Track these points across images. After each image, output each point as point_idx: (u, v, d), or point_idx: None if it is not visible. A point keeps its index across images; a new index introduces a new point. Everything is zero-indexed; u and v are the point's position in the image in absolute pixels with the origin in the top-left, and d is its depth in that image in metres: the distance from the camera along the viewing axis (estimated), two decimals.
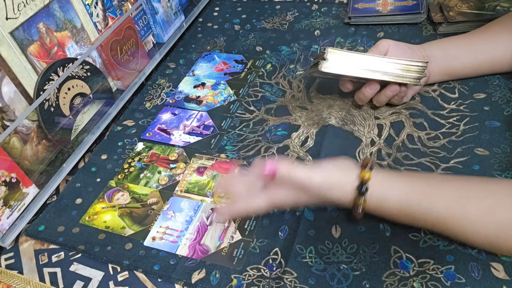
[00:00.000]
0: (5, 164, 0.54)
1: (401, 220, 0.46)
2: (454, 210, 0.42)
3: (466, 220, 0.42)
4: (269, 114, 0.68)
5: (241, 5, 0.95)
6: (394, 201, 0.45)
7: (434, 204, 0.43)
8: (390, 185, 0.45)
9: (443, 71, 0.62)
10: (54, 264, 0.54)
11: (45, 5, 0.59)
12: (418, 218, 0.45)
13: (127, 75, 0.75)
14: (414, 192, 0.44)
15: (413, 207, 0.44)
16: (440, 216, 0.43)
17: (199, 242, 0.53)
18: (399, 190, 0.45)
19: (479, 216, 0.42)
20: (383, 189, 0.45)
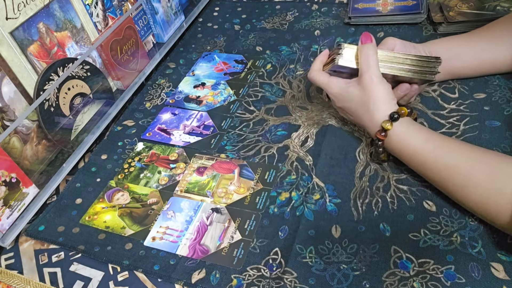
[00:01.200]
0: (5, 164, 0.54)
1: (414, 162, 0.51)
2: (462, 165, 0.47)
3: (471, 176, 0.46)
4: (269, 114, 0.68)
5: (241, 5, 0.95)
6: (415, 140, 0.50)
7: (448, 154, 0.48)
8: (415, 127, 0.51)
9: (444, 70, 0.62)
10: (54, 264, 0.54)
11: (45, 5, 0.59)
12: (429, 163, 0.49)
13: (127, 75, 0.75)
14: (433, 139, 0.50)
15: (429, 150, 0.49)
16: (449, 165, 0.47)
17: (199, 242, 0.53)
18: (422, 133, 0.51)
19: (484, 175, 0.45)
20: (409, 127, 0.51)
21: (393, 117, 0.51)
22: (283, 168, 0.59)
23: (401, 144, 0.51)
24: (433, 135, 0.51)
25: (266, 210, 0.55)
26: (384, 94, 0.53)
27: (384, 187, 0.54)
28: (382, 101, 0.52)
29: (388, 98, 0.53)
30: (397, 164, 0.56)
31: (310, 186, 0.56)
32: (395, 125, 0.51)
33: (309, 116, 0.66)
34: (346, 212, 0.52)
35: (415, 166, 0.51)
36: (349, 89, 0.55)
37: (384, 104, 0.52)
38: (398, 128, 0.51)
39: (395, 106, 0.52)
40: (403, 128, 0.51)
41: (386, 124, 0.51)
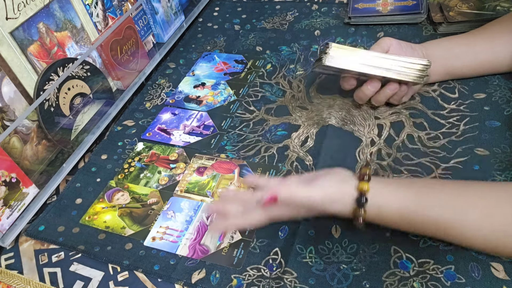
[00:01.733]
0: (5, 164, 0.54)
1: (402, 228, 0.46)
2: (453, 215, 0.43)
3: (466, 225, 0.42)
4: (269, 114, 0.68)
5: (241, 5, 0.95)
6: (393, 210, 0.44)
7: (434, 210, 0.43)
8: (388, 194, 0.45)
9: (443, 70, 0.62)
10: (54, 264, 0.54)
11: (45, 5, 0.59)
12: (418, 225, 0.45)
13: (127, 75, 0.75)
14: (413, 200, 0.44)
15: (412, 214, 0.44)
16: (439, 222, 0.43)
17: (199, 242, 0.53)
18: (398, 199, 0.44)
19: (478, 221, 0.42)
20: (382, 199, 0.45)
21: (361, 203, 0.44)
22: (283, 168, 0.59)
23: (381, 217, 0.45)
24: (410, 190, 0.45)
25: None
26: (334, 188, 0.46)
27: None
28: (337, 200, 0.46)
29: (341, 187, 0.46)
30: (397, 165, 0.56)
31: None
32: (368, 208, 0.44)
33: (309, 116, 0.66)
34: None
35: (405, 229, 0.46)
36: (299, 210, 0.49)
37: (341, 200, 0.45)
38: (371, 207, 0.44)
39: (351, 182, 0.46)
40: (376, 203, 0.44)
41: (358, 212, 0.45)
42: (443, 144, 0.57)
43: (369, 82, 0.59)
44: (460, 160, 0.55)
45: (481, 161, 0.54)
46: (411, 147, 0.58)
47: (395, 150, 0.58)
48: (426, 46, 0.62)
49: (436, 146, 0.57)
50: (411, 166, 0.56)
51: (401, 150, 0.58)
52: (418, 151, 0.57)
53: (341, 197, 0.45)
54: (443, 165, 0.55)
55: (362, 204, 0.44)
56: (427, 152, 0.57)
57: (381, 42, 0.59)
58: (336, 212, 0.46)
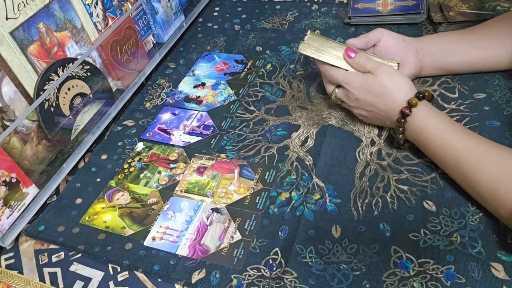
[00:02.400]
0: (5, 164, 0.54)
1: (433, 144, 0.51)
2: (478, 149, 0.48)
3: (485, 161, 0.47)
4: (269, 114, 0.68)
5: (241, 5, 0.95)
6: (437, 122, 0.51)
7: (465, 139, 0.49)
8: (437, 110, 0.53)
9: (436, 65, 0.63)
10: (54, 264, 0.54)
11: (45, 5, 0.59)
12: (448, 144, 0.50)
13: (127, 75, 0.75)
14: (454, 123, 0.51)
15: (449, 132, 0.50)
16: (465, 151, 0.48)
17: (199, 242, 0.53)
18: (443, 116, 0.52)
19: (497, 162, 0.46)
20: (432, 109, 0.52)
21: (419, 96, 0.52)
22: (283, 168, 0.59)
23: (423, 123, 0.52)
24: (453, 121, 0.52)
25: (266, 210, 0.55)
26: (406, 79, 0.54)
27: (384, 187, 0.54)
28: (405, 85, 0.54)
29: (410, 83, 0.54)
30: (397, 164, 0.56)
31: (310, 186, 0.56)
32: (420, 104, 0.52)
33: (309, 116, 0.66)
34: (346, 212, 0.52)
35: (433, 148, 0.52)
36: (368, 80, 0.55)
37: (408, 87, 0.53)
38: (423, 107, 0.52)
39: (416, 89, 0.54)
40: (427, 108, 0.52)
41: (413, 100, 0.52)
42: None
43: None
44: None
45: None
46: (411, 147, 0.58)
47: (395, 150, 0.58)
48: (421, 40, 0.62)
49: None
50: (411, 166, 0.56)
51: (401, 150, 0.58)
52: (418, 151, 0.57)
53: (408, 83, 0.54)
54: None
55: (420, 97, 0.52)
56: None
57: (370, 33, 0.61)
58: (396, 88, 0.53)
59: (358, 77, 0.57)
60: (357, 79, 0.57)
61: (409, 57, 0.61)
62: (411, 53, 0.61)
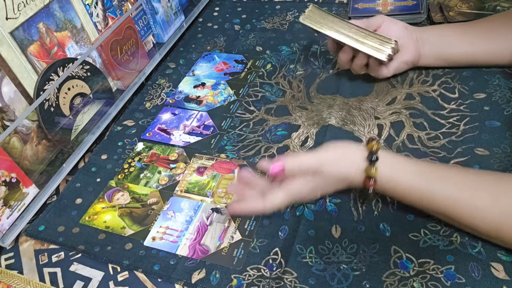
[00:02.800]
0: (5, 164, 0.54)
1: (411, 201, 0.47)
2: (463, 194, 0.43)
3: (474, 203, 0.43)
4: (269, 114, 0.68)
5: (241, 5, 0.95)
6: (405, 180, 0.45)
7: (445, 185, 0.44)
8: (400, 165, 0.46)
9: (435, 55, 0.63)
10: (54, 264, 0.54)
11: (45, 5, 0.59)
12: (426, 198, 0.45)
13: (127, 75, 0.75)
14: (423, 170, 0.45)
15: (424, 187, 0.45)
16: (449, 196, 0.44)
17: (199, 242, 0.53)
18: (410, 170, 0.46)
19: (488, 202, 0.42)
20: (393, 167, 0.46)
21: (372, 160, 0.45)
22: None
23: (391, 184, 0.46)
24: (422, 166, 0.47)
25: None
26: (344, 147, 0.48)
27: None
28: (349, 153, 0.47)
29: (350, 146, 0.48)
30: None
31: None
32: (379, 167, 0.45)
33: (309, 116, 0.66)
34: (346, 212, 0.52)
35: (412, 203, 0.47)
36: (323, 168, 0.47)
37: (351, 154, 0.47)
38: (382, 169, 0.45)
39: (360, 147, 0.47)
40: (388, 168, 0.46)
41: (370, 170, 0.45)
42: (443, 144, 0.57)
43: (342, 50, 0.63)
44: (460, 160, 0.55)
45: (481, 161, 0.54)
46: (411, 147, 0.58)
47: (395, 150, 0.58)
48: (423, 30, 0.63)
49: (436, 146, 0.57)
50: None
51: (401, 150, 0.58)
52: (418, 151, 0.57)
53: (351, 154, 0.47)
54: None
55: (373, 161, 0.45)
56: (427, 152, 0.57)
57: (371, 19, 0.62)
58: (347, 173, 0.47)
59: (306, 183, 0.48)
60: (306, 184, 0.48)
61: (408, 44, 0.62)
62: (411, 40, 0.62)
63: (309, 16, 0.63)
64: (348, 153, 0.47)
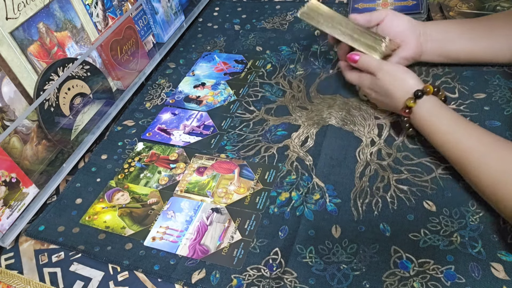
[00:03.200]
0: (5, 164, 0.54)
1: (435, 141, 0.52)
2: (479, 148, 0.48)
3: (485, 160, 0.47)
4: (269, 114, 0.68)
5: (241, 5, 0.95)
6: (436, 121, 0.52)
7: (467, 136, 0.49)
8: (438, 108, 0.53)
9: (437, 51, 0.63)
10: (54, 264, 0.54)
11: (45, 5, 0.59)
12: (449, 143, 0.50)
13: (127, 75, 0.75)
14: (454, 121, 0.51)
15: (449, 132, 0.50)
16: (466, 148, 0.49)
17: (199, 242, 0.53)
18: (444, 114, 0.52)
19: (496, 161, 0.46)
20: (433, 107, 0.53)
21: (417, 95, 0.53)
22: (283, 168, 0.59)
23: (423, 122, 0.53)
24: (455, 117, 0.52)
25: (266, 210, 0.55)
26: (407, 76, 0.55)
27: (384, 187, 0.54)
28: (405, 83, 0.55)
29: (412, 79, 0.55)
30: (397, 164, 0.56)
31: (310, 186, 0.56)
32: (419, 103, 0.53)
33: (309, 116, 0.66)
34: (346, 212, 0.52)
35: (435, 143, 0.53)
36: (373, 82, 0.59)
37: (408, 86, 0.54)
38: (422, 106, 0.53)
39: (421, 84, 0.54)
40: (427, 107, 0.53)
41: (410, 101, 0.53)
42: None
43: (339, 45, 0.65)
44: None
45: None
46: (411, 147, 0.58)
47: (395, 150, 0.58)
48: (427, 25, 0.63)
49: None
50: (411, 166, 0.56)
51: (401, 150, 0.58)
52: (418, 151, 0.57)
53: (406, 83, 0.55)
54: (443, 165, 0.55)
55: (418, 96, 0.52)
56: (427, 152, 0.57)
57: (374, 13, 0.63)
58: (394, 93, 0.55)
59: (367, 77, 0.60)
60: (367, 79, 0.60)
61: (410, 39, 0.62)
62: (414, 35, 0.62)
63: (308, 12, 0.63)
64: (404, 79, 0.55)
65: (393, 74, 0.57)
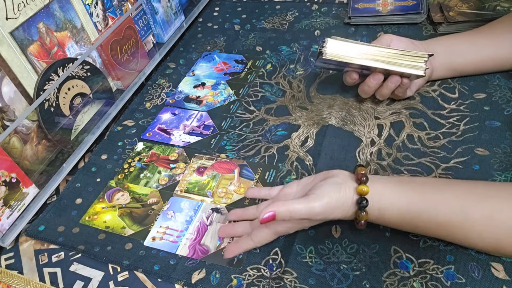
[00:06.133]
0: (5, 164, 0.54)
1: (404, 228, 0.46)
2: (456, 216, 0.42)
3: (469, 225, 0.42)
4: (269, 114, 0.68)
5: (241, 5, 0.95)
6: (394, 211, 0.44)
7: (436, 211, 0.43)
8: (389, 195, 0.45)
9: (445, 66, 0.62)
10: (54, 264, 0.54)
11: (45, 5, 0.59)
12: (420, 226, 0.45)
13: (127, 75, 0.75)
14: (414, 200, 0.44)
15: (414, 215, 0.44)
16: (441, 223, 0.43)
17: (199, 242, 0.53)
18: (398, 200, 0.44)
19: (482, 220, 0.42)
20: (382, 200, 0.45)
21: (361, 205, 0.45)
22: (283, 168, 0.59)
23: (382, 220, 0.46)
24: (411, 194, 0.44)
25: None
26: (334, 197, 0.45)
27: None
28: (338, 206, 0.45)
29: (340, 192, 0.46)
30: (397, 165, 0.56)
31: None
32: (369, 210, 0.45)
33: (309, 116, 0.66)
34: None
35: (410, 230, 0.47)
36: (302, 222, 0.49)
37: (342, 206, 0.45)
38: (372, 212, 0.45)
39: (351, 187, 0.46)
40: (376, 209, 0.45)
41: (360, 215, 0.45)
42: (443, 144, 0.57)
43: (372, 75, 0.59)
44: (460, 160, 0.55)
45: (481, 161, 0.54)
46: (411, 147, 0.58)
47: (395, 150, 0.58)
48: (429, 43, 0.62)
49: (436, 146, 0.57)
50: (411, 166, 0.56)
51: (401, 150, 0.58)
52: (418, 151, 0.57)
53: (342, 203, 0.45)
54: (443, 165, 0.55)
55: (362, 207, 0.45)
56: (427, 152, 0.57)
57: (381, 38, 0.60)
58: (338, 217, 0.46)
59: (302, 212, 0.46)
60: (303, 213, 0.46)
61: None
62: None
63: (332, 50, 0.57)
64: (339, 200, 0.45)
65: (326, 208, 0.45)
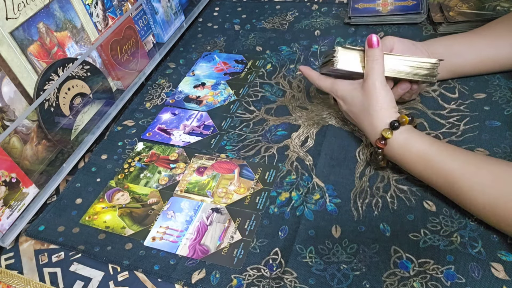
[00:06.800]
0: (5, 164, 0.54)
1: (417, 168, 0.50)
2: (468, 168, 0.46)
3: (477, 180, 0.45)
4: (269, 114, 0.68)
5: (241, 5, 0.95)
6: (417, 146, 0.49)
7: (452, 158, 0.47)
8: (417, 134, 0.50)
9: (445, 68, 0.62)
10: (54, 264, 0.54)
11: (45, 5, 0.59)
12: (433, 167, 0.48)
13: (127, 75, 0.75)
14: (436, 145, 0.49)
15: (432, 154, 0.48)
16: (454, 168, 0.46)
17: (199, 242, 0.53)
18: (424, 138, 0.50)
19: (489, 176, 0.45)
20: (410, 134, 0.50)
21: (393, 126, 0.50)
22: (283, 168, 0.59)
23: (402, 150, 0.50)
24: (435, 141, 0.50)
25: (266, 210, 0.55)
26: (386, 100, 0.52)
27: (384, 187, 0.54)
28: (383, 107, 0.52)
29: (389, 105, 0.52)
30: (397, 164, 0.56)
31: (310, 186, 0.56)
32: (396, 133, 0.50)
33: (309, 116, 0.66)
34: (346, 212, 0.52)
35: (418, 171, 0.50)
36: (353, 92, 0.55)
37: (385, 111, 0.52)
38: (399, 135, 0.50)
39: (395, 114, 0.52)
40: (404, 135, 0.50)
41: (386, 132, 0.51)
42: None
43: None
44: None
45: None
46: None
47: None
48: (428, 44, 0.62)
49: None
50: None
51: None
52: None
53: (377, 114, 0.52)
54: None
55: (394, 126, 0.50)
56: None
57: (384, 41, 0.59)
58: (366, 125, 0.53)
59: (343, 87, 0.57)
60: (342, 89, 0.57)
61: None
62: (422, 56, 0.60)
63: (343, 59, 0.56)
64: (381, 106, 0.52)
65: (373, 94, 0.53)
